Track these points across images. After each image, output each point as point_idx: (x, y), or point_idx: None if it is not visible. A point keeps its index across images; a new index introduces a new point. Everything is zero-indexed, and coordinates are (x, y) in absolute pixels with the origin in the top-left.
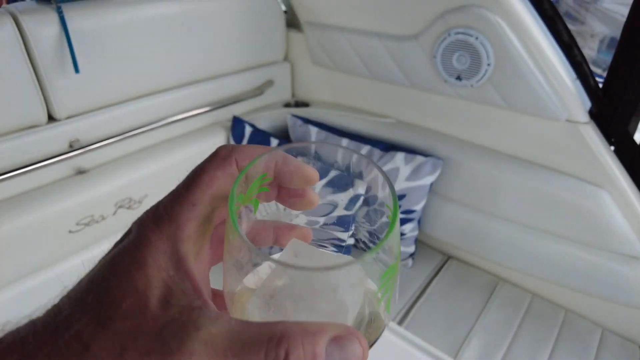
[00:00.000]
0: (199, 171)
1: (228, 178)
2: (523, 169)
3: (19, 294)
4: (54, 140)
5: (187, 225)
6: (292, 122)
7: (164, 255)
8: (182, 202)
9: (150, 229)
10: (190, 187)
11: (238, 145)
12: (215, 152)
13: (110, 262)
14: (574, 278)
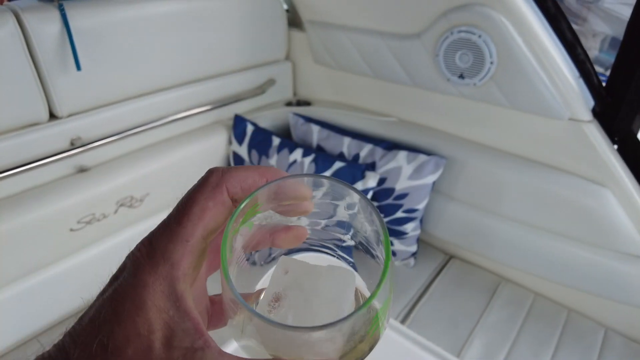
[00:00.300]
0: (190, 202)
1: (220, 207)
2: (526, 168)
3: (20, 293)
4: (55, 138)
5: (181, 263)
6: (294, 120)
7: (162, 296)
8: (175, 239)
9: (145, 271)
10: (182, 221)
11: (228, 169)
12: (205, 179)
13: (111, 305)
14: (577, 278)
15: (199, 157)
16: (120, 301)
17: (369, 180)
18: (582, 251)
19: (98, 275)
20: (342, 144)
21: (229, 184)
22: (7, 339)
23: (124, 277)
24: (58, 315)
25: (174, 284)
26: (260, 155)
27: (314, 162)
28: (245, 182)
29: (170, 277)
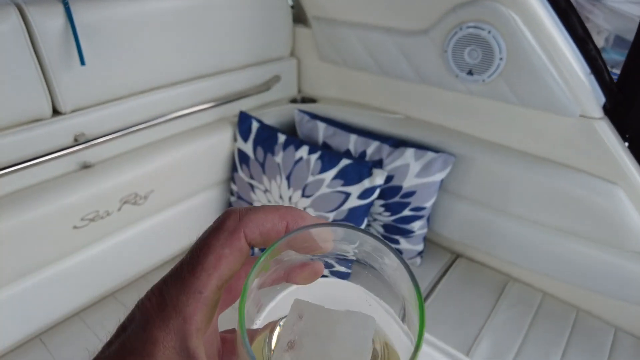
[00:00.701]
0: (205, 249)
1: (236, 254)
2: (535, 166)
3: (23, 291)
4: (59, 134)
5: (194, 317)
6: (300, 117)
7: (172, 352)
8: (188, 290)
9: (156, 325)
10: (196, 270)
11: (246, 211)
12: (221, 223)
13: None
14: (586, 277)
15: (203, 154)
16: (128, 358)
17: (376, 177)
18: (591, 250)
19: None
20: (349, 141)
21: (247, 229)
22: (11, 338)
23: (132, 329)
24: (61, 314)
25: (186, 340)
26: (266, 153)
27: (320, 160)
28: (264, 226)
29: (182, 333)
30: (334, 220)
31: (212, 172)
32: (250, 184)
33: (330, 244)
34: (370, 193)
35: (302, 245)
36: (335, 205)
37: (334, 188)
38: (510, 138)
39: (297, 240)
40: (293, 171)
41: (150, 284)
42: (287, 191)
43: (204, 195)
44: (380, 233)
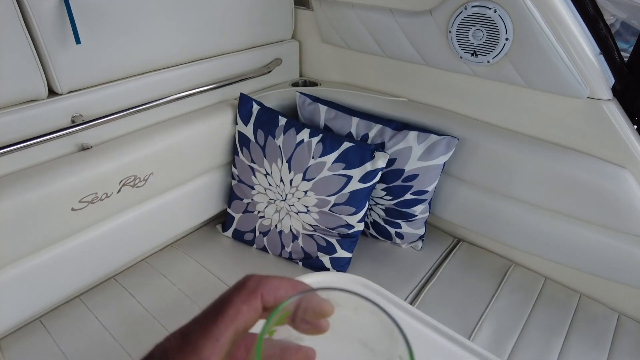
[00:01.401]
0: (226, 302)
1: (252, 312)
2: (540, 149)
3: (23, 273)
4: (55, 115)
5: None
6: (301, 100)
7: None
8: (208, 336)
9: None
10: (217, 320)
11: (265, 277)
12: (243, 283)
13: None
14: (590, 262)
15: (204, 136)
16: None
17: (378, 160)
18: (596, 234)
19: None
20: (351, 124)
21: (264, 291)
22: (11, 320)
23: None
24: (61, 297)
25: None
26: (267, 136)
27: (321, 143)
28: (279, 291)
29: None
30: (334, 204)
31: (212, 156)
32: (251, 168)
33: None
34: (372, 176)
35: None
36: (336, 188)
37: (336, 171)
38: (515, 121)
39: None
40: (294, 154)
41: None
42: (288, 174)
43: (204, 178)
44: (381, 217)
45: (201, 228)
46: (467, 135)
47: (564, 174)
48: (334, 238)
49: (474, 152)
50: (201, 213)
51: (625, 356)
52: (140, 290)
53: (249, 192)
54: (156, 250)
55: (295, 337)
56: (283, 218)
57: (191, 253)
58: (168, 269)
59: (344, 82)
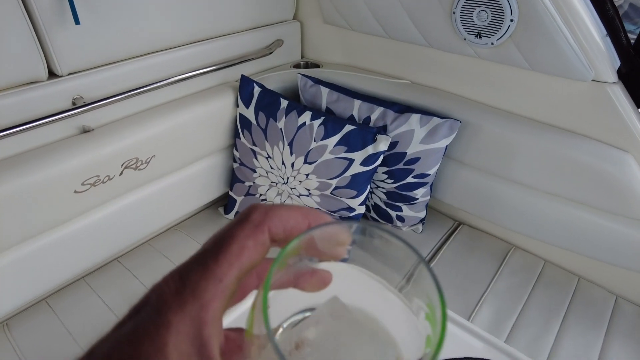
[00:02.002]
0: (229, 238)
1: (259, 247)
2: (543, 133)
3: (28, 255)
4: (56, 97)
5: (212, 304)
6: (303, 82)
7: (186, 338)
8: (209, 276)
9: (172, 309)
10: (219, 258)
11: (271, 208)
12: (246, 215)
13: (129, 343)
14: (590, 245)
15: (205, 119)
16: (140, 341)
17: (380, 143)
18: (596, 218)
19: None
20: (353, 106)
21: (271, 224)
22: (18, 300)
23: (146, 312)
24: (65, 278)
25: (201, 327)
26: (268, 118)
27: (323, 125)
28: (288, 222)
29: (198, 320)
30: (336, 187)
31: (214, 138)
32: (253, 150)
33: (344, 250)
34: (374, 159)
35: (320, 246)
36: (338, 171)
37: (337, 154)
38: (518, 104)
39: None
40: (296, 137)
41: (154, 249)
42: (290, 157)
43: (206, 161)
44: (382, 200)
45: (203, 211)
46: (470, 118)
47: (565, 157)
48: None
49: (476, 135)
50: (203, 196)
51: (621, 337)
52: (143, 271)
53: (251, 175)
54: (159, 232)
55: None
56: (284, 201)
57: (193, 235)
58: (170, 251)
59: (346, 64)
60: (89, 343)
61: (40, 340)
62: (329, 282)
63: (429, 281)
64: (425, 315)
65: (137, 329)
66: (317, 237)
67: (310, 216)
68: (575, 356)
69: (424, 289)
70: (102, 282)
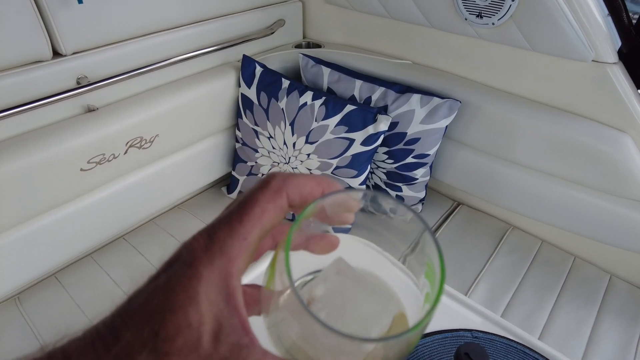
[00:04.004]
0: (251, 201)
1: (278, 211)
2: (543, 114)
3: (36, 231)
4: (60, 76)
5: (237, 259)
6: (304, 62)
7: (215, 288)
8: (235, 235)
9: (202, 263)
10: (243, 219)
11: (288, 175)
12: (267, 182)
13: (165, 293)
14: (586, 225)
15: (207, 99)
16: (174, 290)
17: (380, 123)
18: (593, 198)
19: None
20: (354, 86)
21: (289, 190)
22: (27, 275)
23: (179, 265)
24: (73, 255)
25: (228, 279)
26: (270, 98)
27: (324, 105)
28: (304, 189)
29: (225, 272)
30: (337, 167)
31: (216, 118)
32: (255, 130)
33: (352, 216)
34: (375, 139)
35: (330, 212)
36: (339, 151)
37: (338, 134)
38: (518, 85)
39: (328, 205)
40: (297, 117)
41: (158, 227)
42: (291, 137)
43: (209, 141)
44: (382, 180)
45: (207, 190)
46: (470, 98)
47: (564, 138)
48: None
49: (476, 115)
50: (206, 175)
51: (613, 314)
52: (148, 248)
53: (253, 155)
54: (163, 211)
55: (320, 227)
56: None
57: (197, 214)
58: (175, 229)
59: (347, 44)
60: (98, 315)
61: (51, 313)
62: (337, 245)
63: (431, 243)
64: (425, 273)
65: (171, 279)
66: (329, 203)
67: (323, 183)
68: (568, 332)
69: (426, 252)
70: (109, 258)
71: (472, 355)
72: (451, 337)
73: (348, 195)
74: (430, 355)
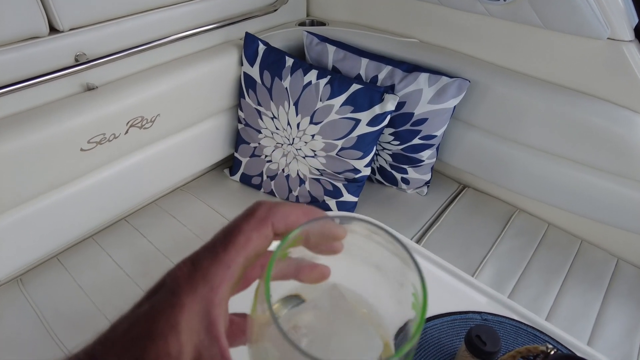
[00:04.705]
0: (236, 230)
1: (262, 239)
2: (554, 94)
3: (37, 212)
4: (58, 53)
5: (220, 287)
6: (309, 40)
7: (196, 317)
8: (218, 263)
9: (185, 292)
10: (227, 247)
11: (275, 204)
12: (252, 211)
13: (147, 321)
14: (595, 208)
15: (209, 77)
16: (155, 319)
17: (387, 103)
18: (604, 181)
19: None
20: (360, 65)
21: (275, 219)
22: (29, 256)
23: (162, 293)
24: (75, 236)
25: (210, 308)
26: (273, 77)
27: (329, 85)
28: (289, 218)
29: (207, 301)
30: (342, 148)
31: (218, 98)
32: (258, 111)
33: (341, 245)
34: (381, 119)
35: (317, 240)
36: (344, 132)
37: (343, 114)
38: (529, 64)
39: (313, 232)
40: (301, 97)
41: (160, 208)
42: (295, 118)
43: (211, 121)
44: (388, 163)
45: (209, 172)
46: (479, 78)
47: (575, 119)
48: (341, 182)
49: (485, 95)
50: (209, 156)
51: (619, 298)
52: (150, 230)
53: (256, 136)
54: (165, 192)
55: (310, 257)
56: (290, 162)
57: (200, 195)
58: (177, 211)
59: (353, 21)
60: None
61: (53, 294)
62: (328, 276)
63: (414, 272)
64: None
65: (154, 307)
66: (313, 231)
67: (310, 214)
68: (574, 316)
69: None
70: (111, 240)
71: (484, 337)
72: (460, 319)
73: (330, 222)
74: (439, 338)
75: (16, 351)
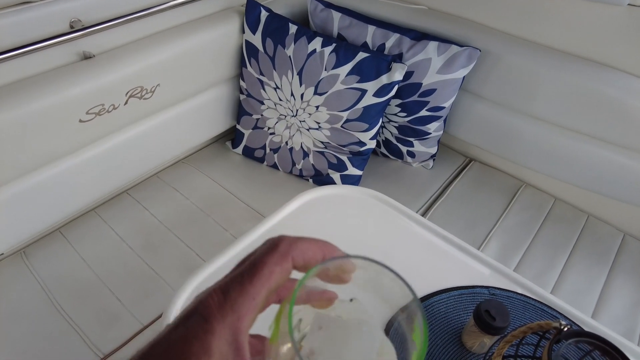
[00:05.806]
0: (260, 264)
1: (284, 273)
2: (568, 64)
3: (36, 185)
4: (52, 18)
5: (246, 317)
6: (313, 6)
7: (225, 342)
8: (245, 294)
9: (216, 319)
10: (253, 280)
11: (295, 240)
12: (275, 245)
13: (183, 343)
14: (603, 182)
15: (210, 46)
16: (190, 342)
17: (395, 72)
18: (614, 155)
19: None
20: (366, 33)
21: (295, 254)
22: (30, 229)
23: (195, 319)
24: (76, 209)
25: (237, 334)
26: (276, 45)
27: (334, 53)
28: (307, 254)
29: (235, 328)
30: (347, 120)
31: (220, 67)
32: (260, 81)
33: (350, 277)
34: (388, 90)
35: (330, 273)
36: (349, 103)
37: (349, 85)
38: (543, 33)
39: (328, 268)
40: (305, 66)
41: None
42: (299, 88)
43: (213, 92)
44: (394, 135)
45: (211, 144)
46: (490, 47)
47: (589, 90)
48: (345, 155)
49: (496, 65)
50: (210, 128)
51: (625, 273)
52: (153, 203)
53: (259, 108)
54: (167, 165)
55: (321, 285)
56: (294, 135)
57: (202, 168)
58: (179, 184)
59: None
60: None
61: (57, 267)
62: (334, 300)
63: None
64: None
65: (189, 332)
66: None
67: (325, 249)
68: (578, 290)
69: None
70: (113, 213)
71: (493, 312)
72: (468, 293)
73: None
74: (446, 312)
75: (21, 322)
